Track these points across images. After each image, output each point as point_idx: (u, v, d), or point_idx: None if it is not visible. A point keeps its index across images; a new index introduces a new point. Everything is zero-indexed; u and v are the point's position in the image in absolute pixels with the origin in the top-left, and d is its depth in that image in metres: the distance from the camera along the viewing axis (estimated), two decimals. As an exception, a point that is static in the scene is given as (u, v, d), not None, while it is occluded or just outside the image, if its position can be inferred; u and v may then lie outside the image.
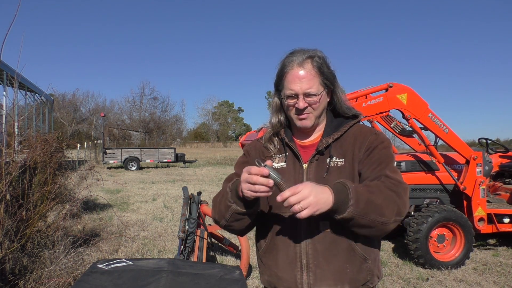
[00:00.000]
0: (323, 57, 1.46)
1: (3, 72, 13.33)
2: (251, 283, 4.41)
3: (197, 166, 22.68)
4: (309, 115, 1.44)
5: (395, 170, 1.40)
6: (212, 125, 68.51)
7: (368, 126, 1.55)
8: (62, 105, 49.12)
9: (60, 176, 4.75)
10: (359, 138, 1.45)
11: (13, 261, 3.55)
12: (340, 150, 1.45)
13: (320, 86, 1.42)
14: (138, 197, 10.54)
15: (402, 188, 1.33)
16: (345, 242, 1.37)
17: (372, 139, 1.45)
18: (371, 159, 1.41)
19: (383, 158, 1.41)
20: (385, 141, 1.46)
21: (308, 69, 1.40)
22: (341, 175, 1.39)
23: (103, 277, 1.33)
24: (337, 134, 1.47)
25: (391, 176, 1.35)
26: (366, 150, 1.43)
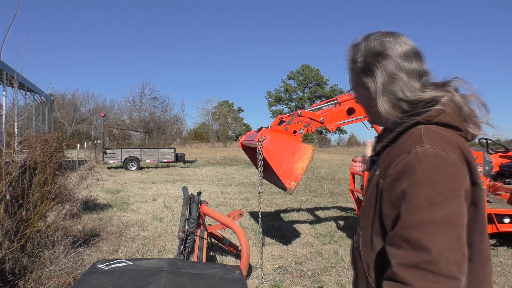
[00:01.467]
0: (360, 41, 1.19)
1: (3, 72, 13.32)
2: (251, 283, 4.41)
3: (197, 166, 22.67)
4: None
5: (418, 226, 0.90)
6: (212, 125, 68.48)
7: (419, 135, 1.01)
8: (62, 105, 49.10)
9: (60, 176, 4.75)
10: (393, 153, 1.06)
11: (13, 261, 3.54)
12: (384, 161, 1.11)
13: (355, 78, 1.22)
14: (138, 197, 10.53)
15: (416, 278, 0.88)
16: (361, 265, 1.16)
17: (399, 160, 1.00)
18: (392, 199, 0.99)
19: (403, 203, 0.94)
20: (417, 166, 0.94)
21: (348, 60, 1.23)
22: (372, 190, 1.13)
23: (103, 277, 1.33)
24: (386, 141, 1.13)
25: (405, 259, 0.90)
26: (387, 176, 1.03)
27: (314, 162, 22.13)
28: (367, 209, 1.14)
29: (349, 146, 63.18)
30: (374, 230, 1.09)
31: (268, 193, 10.89)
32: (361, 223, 1.18)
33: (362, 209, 1.19)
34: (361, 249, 1.15)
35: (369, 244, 1.11)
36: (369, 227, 1.11)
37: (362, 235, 1.15)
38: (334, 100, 5.67)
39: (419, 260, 0.88)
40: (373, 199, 1.10)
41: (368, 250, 1.12)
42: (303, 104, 64.54)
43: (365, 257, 1.13)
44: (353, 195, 6.44)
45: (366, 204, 1.15)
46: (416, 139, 1.01)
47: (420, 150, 0.96)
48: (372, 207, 1.11)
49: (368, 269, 1.12)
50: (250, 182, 14.51)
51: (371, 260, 1.11)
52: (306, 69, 66.24)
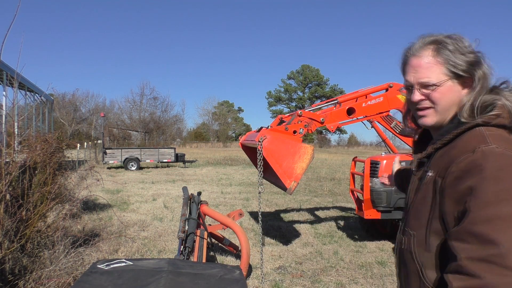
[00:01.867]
0: (455, 41, 1.16)
1: (3, 72, 13.32)
2: (251, 283, 4.41)
3: (197, 166, 22.67)
4: (429, 110, 1.19)
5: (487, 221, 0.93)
6: (212, 125, 68.48)
7: (481, 136, 1.06)
8: (62, 105, 49.11)
9: (60, 176, 4.75)
10: (453, 152, 1.09)
11: (13, 261, 3.54)
12: (438, 163, 1.14)
13: (442, 75, 1.15)
14: (138, 197, 10.54)
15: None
16: (413, 265, 1.17)
17: (462, 159, 1.03)
18: (456, 196, 1.02)
19: (468, 197, 0.98)
20: (484, 164, 0.99)
21: (426, 56, 1.16)
22: (425, 192, 1.15)
23: (103, 277, 1.33)
24: (440, 142, 1.15)
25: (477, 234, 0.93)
26: (449, 175, 1.06)
27: (314, 162, 22.13)
28: (420, 209, 1.16)
29: (349, 146, 63.15)
30: (431, 229, 1.12)
31: (268, 193, 10.89)
32: (412, 223, 1.20)
33: (413, 209, 1.21)
34: (414, 250, 1.16)
35: (424, 244, 1.14)
36: (424, 227, 1.14)
37: (415, 235, 1.17)
38: (334, 100, 5.67)
39: (487, 254, 0.90)
40: (428, 198, 1.13)
41: (422, 249, 1.14)
42: (303, 104, 64.54)
43: (419, 257, 1.15)
44: (353, 195, 6.45)
45: (418, 205, 1.18)
46: (479, 139, 1.05)
47: (486, 149, 1.01)
48: (427, 207, 1.13)
49: (423, 269, 1.13)
50: (250, 182, 14.52)
51: (426, 260, 1.13)
52: (306, 69, 66.24)
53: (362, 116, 5.41)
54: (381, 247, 5.89)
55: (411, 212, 1.22)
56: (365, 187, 5.76)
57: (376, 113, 5.37)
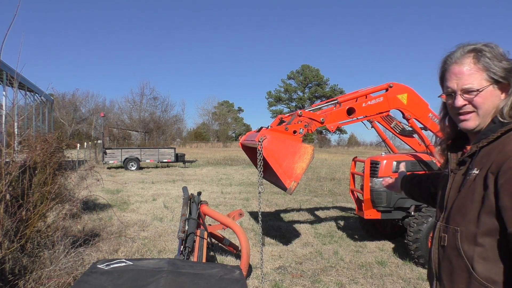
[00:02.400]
0: (492, 49, 1.25)
1: (3, 72, 13.32)
2: (251, 283, 4.41)
3: (197, 166, 22.67)
4: (471, 114, 1.27)
5: None
6: (212, 125, 68.47)
7: None
8: (62, 105, 49.10)
9: (60, 176, 4.75)
10: (506, 148, 1.16)
11: (13, 261, 3.54)
12: (485, 160, 1.21)
13: (483, 81, 1.24)
14: (138, 197, 10.54)
15: None
16: (459, 261, 1.23)
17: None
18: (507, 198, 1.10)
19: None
20: None
21: (467, 63, 1.26)
22: (472, 190, 1.22)
23: (103, 277, 1.33)
24: (483, 142, 1.24)
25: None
26: (506, 170, 1.12)
27: (314, 162, 22.14)
28: (466, 205, 1.22)
29: (349, 146, 63.12)
30: (480, 224, 1.17)
31: (268, 193, 10.89)
32: (457, 219, 1.25)
33: (457, 206, 1.26)
34: (461, 245, 1.22)
35: (472, 239, 1.19)
36: (472, 222, 1.19)
37: (463, 231, 1.22)
38: (334, 100, 5.67)
39: None
40: (476, 194, 1.19)
41: (471, 244, 1.19)
42: (303, 104, 64.52)
43: (466, 252, 1.20)
44: (353, 195, 6.45)
45: (464, 200, 1.24)
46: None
47: None
48: (474, 203, 1.19)
49: (472, 263, 1.18)
50: (250, 182, 14.51)
51: (475, 254, 1.18)
52: (306, 69, 66.23)
53: (362, 116, 5.41)
54: (381, 247, 5.89)
55: (454, 209, 1.27)
56: (365, 187, 5.75)
57: (376, 113, 5.36)
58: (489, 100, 1.25)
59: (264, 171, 5.02)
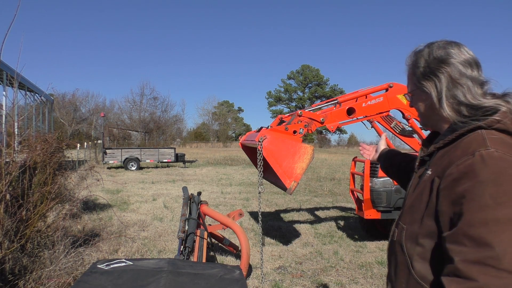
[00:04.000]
0: (422, 50, 1.25)
1: (3, 72, 13.32)
2: (251, 283, 4.41)
3: (197, 166, 22.67)
4: (419, 117, 1.36)
5: (483, 224, 0.94)
6: (212, 125, 68.46)
7: (482, 140, 1.07)
8: (62, 105, 49.10)
9: (60, 176, 4.75)
10: (454, 154, 1.11)
11: (13, 261, 3.54)
12: (439, 163, 1.18)
13: (413, 84, 1.30)
14: (138, 197, 10.54)
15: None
16: (402, 257, 1.24)
17: (462, 161, 1.05)
18: (453, 198, 1.04)
19: (466, 201, 0.99)
20: (481, 167, 1.00)
21: (407, 68, 1.33)
22: (422, 190, 1.21)
23: (103, 277, 1.33)
24: (440, 143, 1.21)
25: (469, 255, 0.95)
26: (448, 176, 1.07)
27: (314, 162, 22.14)
28: (415, 205, 1.22)
29: (349, 146, 63.10)
30: (422, 225, 1.16)
31: (268, 193, 10.89)
32: (406, 217, 1.26)
33: (409, 204, 1.27)
34: (404, 242, 1.22)
35: (414, 238, 1.19)
36: (417, 222, 1.19)
37: (407, 228, 1.23)
38: (334, 100, 5.67)
39: (483, 256, 0.92)
40: (424, 196, 1.18)
41: (412, 243, 1.19)
42: (303, 104, 64.52)
43: (408, 250, 1.21)
44: (353, 195, 6.45)
45: (414, 201, 1.24)
46: (479, 142, 1.07)
47: (485, 153, 1.02)
48: (422, 203, 1.18)
49: (411, 261, 1.19)
50: (250, 182, 14.51)
51: (415, 253, 1.18)
52: (306, 69, 66.22)
53: (362, 116, 5.41)
54: (381, 247, 5.89)
55: (407, 207, 1.29)
56: (365, 187, 5.75)
57: (376, 113, 5.36)
58: (417, 103, 1.30)
59: (264, 171, 5.02)
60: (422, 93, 1.26)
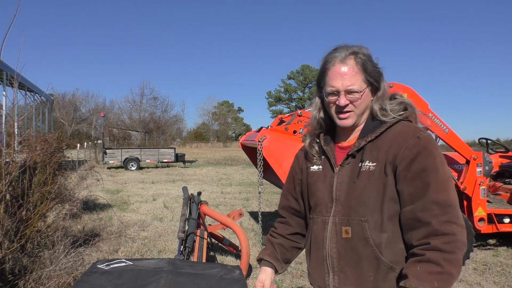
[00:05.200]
0: (368, 53, 1.37)
1: (3, 72, 13.31)
2: (251, 283, 4.41)
3: (197, 166, 22.67)
4: (350, 113, 1.37)
5: (442, 187, 1.22)
6: (212, 125, 68.50)
7: (413, 126, 1.34)
8: (62, 105, 49.11)
9: (60, 176, 4.75)
10: (397, 141, 1.30)
11: (13, 261, 3.54)
12: (375, 153, 1.33)
13: (363, 83, 1.34)
14: (138, 197, 10.53)
15: (459, 246, 1.18)
16: (367, 250, 1.30)
17: (411, 144, 1.27)
18: (412, 175, 1.25)
19: (425, 172, 1.23)
20: (429, 145, 1.26)
21: (351, 65, 1.33)
22: (370, 180, 1.31)
23: (103, 277, 1.33)
24: (372, 136, 1.35)
25: (439, 202, 1.20)
26: (403, 159, 1.26)
27: (314, 162, 22.06)
28: (367, 196, 1.30)
29: (349, 146, 63.05)
30: (383, 211, 1.29)
31: (268, 193, 10.89)
32: (361, 210, 1.32)
33: (356, 197, 1.33)
34: (370, 234, 1.30)
35: (379, 226, 1.29)
36: (376, 210, 1.30)
37: (369, 220, 1.30)
38: (334, 100, 5.66)
39: (451, 216, 1.19)
40: (377, 185, 1.30)
41: (378, 231, 1.29)
42: (303, 104, 64.53)
43: (374, 240, 1.29)
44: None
45: (363, 192, 1.31)
46: (414, 129, 1.31)
47: (426, 135, 1.29)
48: (375, 192, 1.30)
49: (380, 249, 1.29)
50: (250, 182, 14.51)
51: (382, 241, 1.29)
52: (306, 69, 66.23)
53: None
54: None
55: (353, 200, 1.33)
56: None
57: (376, 113, 5.36)
58: (365, 101, 1.37)
59: (264, 171, 5.01)
60: (369, 92, 1.37)
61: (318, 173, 1.47)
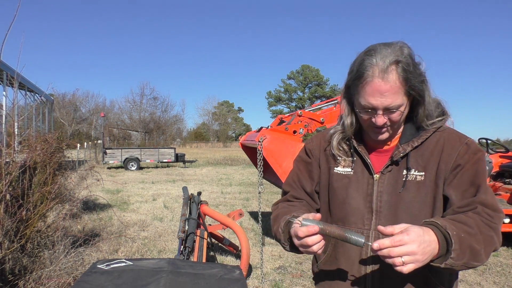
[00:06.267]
0: (411, 58, 1.16)
1: (3, 72, 13.31)
2: (251, 283, 4.41)
3: (197, 166, 22.67)
4: (388, 128, 1.22)
5: (490, 191, 1.18)
6: (212, 125, 68.51)
7: (456, 132, 1.26)
8: (62, 105, 49.10)
9: (60, 176, 4.74)
10: (446, 149, 1.22)
11: (13, 261, 3.54)
12: (421, 161, 1.22)
13: (404, 97, 1.16)
14: (138, 197, 10.53)
15: (499, 219, 1.14)
16: (418, 269, 1.11)
17: (462, 151, 1.20)
18: (462, 180, 1.18)
19: (476, 177, 1.18)
20: (478, 153, 1.21)
21: (393, 81, 1.13)
22: (419, 192, 1.20)
23: (103, 277, 1.33)
24: (417, 141, 1.23)
25: (487, 204, 1.14)
26: (455, 167, 1.19)
27: (314, 162, 22.05)
28: (415, 207, 1.21)
29: (349, 146, 63.04)
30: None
31: (268, 193, 10.89)
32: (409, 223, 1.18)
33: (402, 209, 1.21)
34: None
35: None
36: None
37: None
38: (334, 100, 5.67)
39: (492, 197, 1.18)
40: (427, 197, 1.21)
41: None
42: (303, 104, 64.50)
43: None
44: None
45: (413, 203, 1.21)
46: (460, 135, 1.25)
47: (472, 141, 1.25)
48: (428, 206, 1.21)
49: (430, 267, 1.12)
50: (250, 182, 14.51)
51: None
52: (306, 69, 66.23)
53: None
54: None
55: (399, 212, 1.21)
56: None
57: (376, 113, 5.36)
58: (404, 114, 1.22)
59: (264, 171, 5.01)
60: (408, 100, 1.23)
61: (348, 177, 1.30)
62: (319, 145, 1.42)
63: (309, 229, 1.08)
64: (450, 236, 1.03)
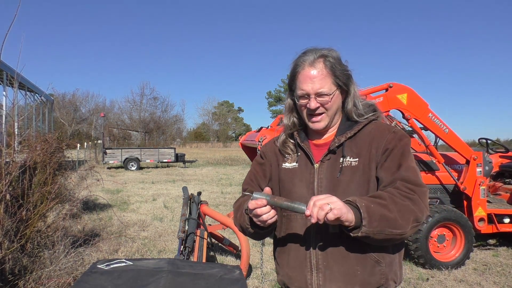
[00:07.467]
0: (337, 56, 1.41)
1: (3, 72, 13.31)
2: (251, 283, 4.40)
3: (197, 166, 22.66)
4: (322, 116, 1.42)
5: (412, 169, 1.34)
6: (212, 125, 68.49)
7: (385, 124, 1.47)
8: (62, 105, 49.08)
9: (60, 176, 4.75)
10: (376, 138, 1.40)
11: (13, 261, 3.54)
12: (355, 149, 1.40)
13: (332, 85, 1.39)
14: (138, 197, 10.54)
15: (419, 192, 1.29)
16: (356, 245, 1.32)
17: (390, 138, 1.38)
18: (390, 162, 1.36)
19: (400, 158, 1.35)
20: (404, 138, 1.40)
21: (320, 69, 1.37)
22: (355, 175, 1.37)
23: (103, 277, 1.33)
24: (351, 133, 1.42)
25: (408, 179, 1.30)
26: (384, 151, 1.37)
27: (314, 162, 22.05)
28: (354, 191, 1.35)
29: (349, 146, 63.06)
30: None
31: (268, 193, 10.88)
32: None
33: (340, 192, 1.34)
34: None
35: None
36: None
37: None
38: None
39: (415, 174, 1.34)
40: (361, 179, 1.37)
41: None
42: (303, 104, 64.33)
43: None
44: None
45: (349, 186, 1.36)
46: (388, 126, 1.44)
47: (399, 129, 1.43)
48: (362, 188, 1.36)
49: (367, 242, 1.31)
50: (250, 182, 14.49)
51: None
52: (306, 69, 66.18)
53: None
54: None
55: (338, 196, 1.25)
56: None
57: (376, 113, 5.36)
58: (335, 103, 1.42)
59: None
60: (342, 93, 1.44)
61: (293, 170, 1.48)
62: (271, 148, 1.63)
63: (257, 202, 1.23)
64: (359, 208, 1.18)
